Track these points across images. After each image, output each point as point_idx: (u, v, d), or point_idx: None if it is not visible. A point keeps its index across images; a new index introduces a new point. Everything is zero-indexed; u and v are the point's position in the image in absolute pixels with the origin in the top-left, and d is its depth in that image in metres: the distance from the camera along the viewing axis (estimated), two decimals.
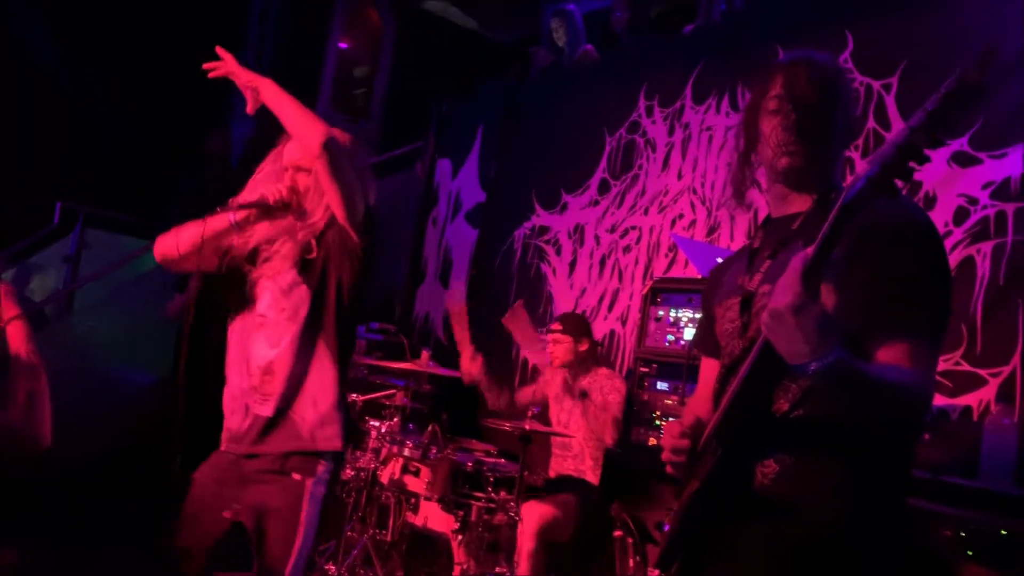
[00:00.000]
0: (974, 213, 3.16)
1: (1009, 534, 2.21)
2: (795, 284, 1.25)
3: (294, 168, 2.31)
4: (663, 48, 5.14)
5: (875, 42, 3.69)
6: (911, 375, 1.37)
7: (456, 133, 6.70)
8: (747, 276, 1.64)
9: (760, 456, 1.48)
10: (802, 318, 1.25)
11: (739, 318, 1.61)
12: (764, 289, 1.55)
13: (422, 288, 6.68)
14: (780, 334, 1.29)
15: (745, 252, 1.74)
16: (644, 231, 4.69)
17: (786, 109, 1.56)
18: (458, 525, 3.59)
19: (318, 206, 2.25)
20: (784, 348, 1.31)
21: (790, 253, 1.50)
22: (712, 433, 1.51)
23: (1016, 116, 3.13)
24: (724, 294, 1.71)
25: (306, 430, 2.19)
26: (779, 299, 1.27)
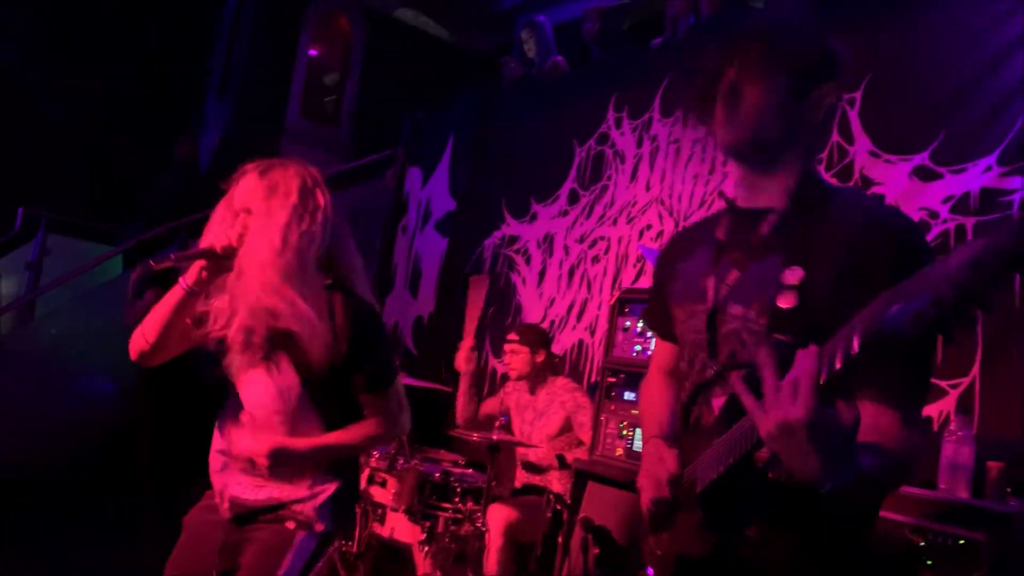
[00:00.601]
0: (935, 226, 3.22)
1: (967, 543, 2.24)
2: (809, 397, 1.08)
3: (245, 211, 1.98)
4: (632, 61, 5.18)
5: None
6: (909, 449, 1.30)
7: (427, 142, 6.70)
8: (712, 278, 1.50)
9: (748, 522, 1.38)
10: (817, 436, 1.09)
11: (705, 331, 1.49)
12: (734, 311, 1.44)
13: (391, 297, 6.65)
14: (789, 450, 1.13)
15: (705, 234, 1.60)
16: (613, 241, 4.71)
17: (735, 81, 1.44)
18: (425, 536, 3.57)
19: None
20: (792, 464, 1.16)
21: (763, 268, 1.42)
22: (696, 493, 1.41)
23: (976, 132, 3.20)
24: (685, 293, 1.57)
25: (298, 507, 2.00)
26: (790, 411, 1.09)
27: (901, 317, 0.98)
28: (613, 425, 3.31)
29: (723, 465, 1.32)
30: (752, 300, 1.41)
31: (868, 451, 1.23)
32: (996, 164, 3.09)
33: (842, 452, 1.14)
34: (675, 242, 1.74)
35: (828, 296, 1.32)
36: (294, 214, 1.94)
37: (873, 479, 1.25)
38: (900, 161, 3.40)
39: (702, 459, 1.42)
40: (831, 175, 3.62)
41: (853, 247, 1.33)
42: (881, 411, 1.30)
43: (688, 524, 1.45)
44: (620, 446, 3.26)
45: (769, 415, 1.12)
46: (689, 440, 1.53)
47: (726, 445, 1.32)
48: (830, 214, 1.40)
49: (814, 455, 1.11)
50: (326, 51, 8.89)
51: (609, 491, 3.17)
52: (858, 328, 1.04)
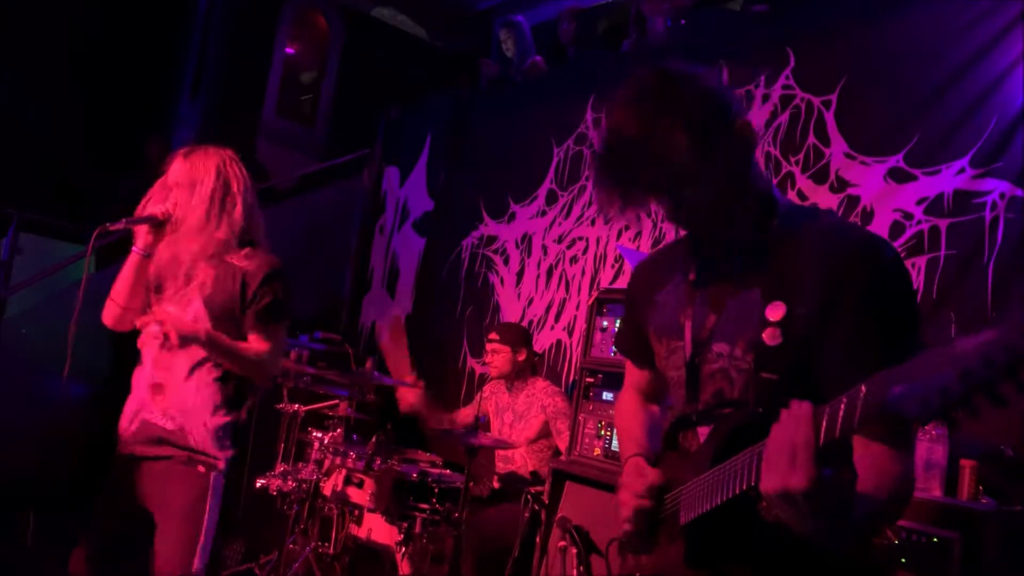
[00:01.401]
0: (909, 228, 3.25)
1: (940, 541, 2.26)
2: (808, 466, 1.08)
3: (177, 185, 2.46)
4: (610, 62, 5.19)
5: (816, 60, 3.78)
6: (906, 479, 1.29)
7: (404, 141, 6.67)
8: (689, 319, 1.48)
9: (731, 559, 1.37)
10: (817, 504, 1.10)
11: (684, 369, 1.47)
12: (719, 349, 1.41)
13: (368, 297, 6.63)
14: (790, 513, 1.14)
15: (674, 264, 1.57)
16: (591, 242, 4.72)
17: (662, 197, 1.35)
18: (402, 537, 3.56)
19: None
20: (794, 524, 1.17)
21: (743, 303, 1.39)
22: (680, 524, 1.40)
23: (949, 134, 3.23)
24: (662, 328, 1.55)
25: (199, 442, 2.40)
26: (790, 479, 1.09)
27: (905, 401, 0.96)
28: (591, 425, 3.31)
29: (711, 503, 1.31)
30: (736, 338, 1.40)
31: (865, 500, 1.23)
32: (969, 166, 3.13)
33: (841, 513, 1.15)
34: (643, 272, 1.71)
35: (810, 330, 1.31)
36: (214, 188, 2.45)
37: (871, 526, 1.27)
38: (875, 163, 3.43)
39: (688, 489, 1.40)
40: (807, 176, 3.65)
41: (830, 277, 1.31)
42: (872, 447, 1.28)
43: (671, 554, 1.44)
44: (598, 446, 3.27)
45: (768, 479, 1.13)
46: (671, 462, 1.52)
47: (715, 482, 1.31)
48: (803, 243, 1.37)
49: (814, 520, 1.13)
50: (302, 49, 8.83)
51: (587, 491, 3.18)
52: (859, 405, 1.03)
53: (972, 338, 0.92)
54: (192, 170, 2.48)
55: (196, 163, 2.50)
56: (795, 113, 3.76)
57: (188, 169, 2.49)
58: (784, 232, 1.40)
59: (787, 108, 3.80)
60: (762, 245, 1.40)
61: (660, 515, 1.48)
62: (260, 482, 3.79)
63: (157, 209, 2.45)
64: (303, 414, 4.07)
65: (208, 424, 2.41)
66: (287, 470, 3.83)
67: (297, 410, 4.05)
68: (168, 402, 2.42)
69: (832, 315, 1.29)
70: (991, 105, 3.13)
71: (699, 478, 1.36)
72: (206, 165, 2.50)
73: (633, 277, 1.74)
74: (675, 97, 1.32)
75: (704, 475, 1.34)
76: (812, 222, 1.43)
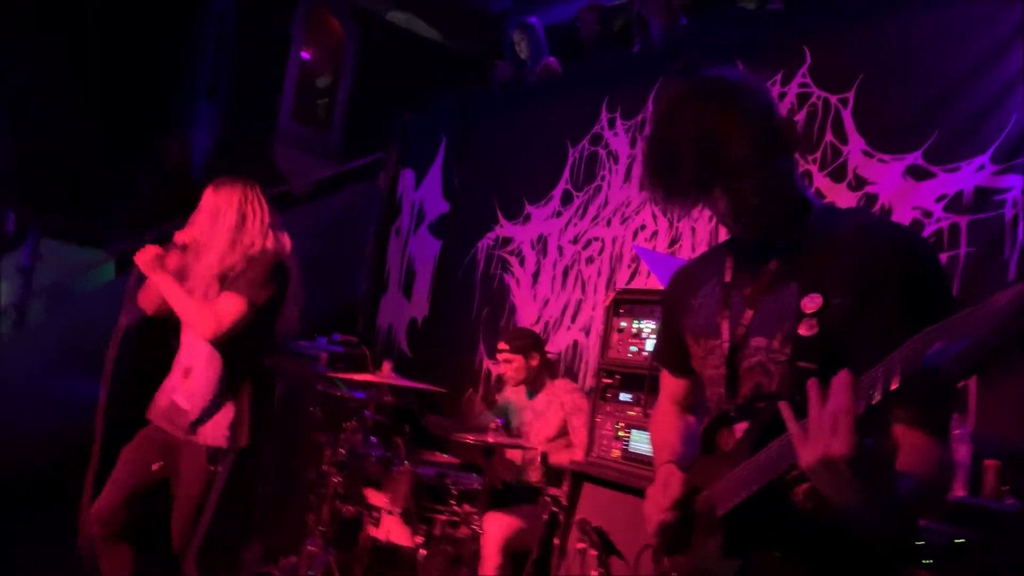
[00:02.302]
0: (929, 225, 3.22)
1: (964, 542, 2.24)
2: (849, 432, 1.08)
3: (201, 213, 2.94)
4: (625, 61, 5.18)
5: (832, 57, 3.75)
6: (945, 465, 1.30)
7: (419, 144, 6.68)
8: (725, 320, 1.50)
9: (768, 547, 1.37)
10: (859, 471, 1.10)
11: (723, 367, 1.49)
12: (757, 343, 1.43)
13: (385, 299, 6.64)
14: (828, 483, 1.14)
15: (710, 269, 1.60)
16: (607, 242, 4.71)
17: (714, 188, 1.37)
18: (421, 539, 3.56)
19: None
20: (835, 498, 1.16)
21: (780, 298, 1.42)
22: (718, 517, 1.40)
23: (969, 131, 3.20)
24: (699, 328, 1.57)
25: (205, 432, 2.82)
26: (832, 446, 1.09)
27: (942, 357, 0.98)
28: (609, 427, 3.30)
29: (749, 490, 1.31)
30: (774, 331, 1.41)
31: (905, 479, 1.23)
32: (990, 162, 3.10)
33: (883, 486, 1.15)
34: (679, 278, 1.73)
35: (847, 320, 1.32)
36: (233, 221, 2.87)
37: (911, 507, 1.26)
38: (893, 160, 3.41)
39: (722, 483, 1.40)
40: (824, 175, 3.63)
41: (865, 269, 1.33)
42: (912, 433, 1.29)
43: (708, 547, 1.44)
44: (616, 448, 3.25)
45: (810, 447, 1.12)
46: (706, 465, 1.52)
47: (752, 470, 1.32)
48: (837, 238, 1.40)
49: (855, 490, 1.12)
50: (318, 54, 8.86)
51: (605, 493, 3.16)
52: (898, 365, 1.04)
53: (1006, 292, 0.94)
54: (216, 201, 2.90)
55: (221, 195, 2.91)
56: (812, 111, 3.74)
57: (213, 200, 2.91)
58: (819, 230, 1.43)
59: (804, 106, 3.77)
60: (798, 243, 1.43)
61: (692, 516, 1.49)
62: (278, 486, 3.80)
63: (181, 237, 2.88)
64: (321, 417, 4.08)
65: (215, 416, 2.81)
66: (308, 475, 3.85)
67: (315, 413, 4.06)
68: (192, 386, 2.85)
69: (869, 305, 1.31)
70: (1012, 100, 3.10)
71: (736, 469, 1.37)
72: (229, 198, 2.90)
73: (668, 286, 1.77)
74: (734, 93, 1.38)
75: (741, 466, 1.36)
76: (846, 219, 1.48)
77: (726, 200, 1.39)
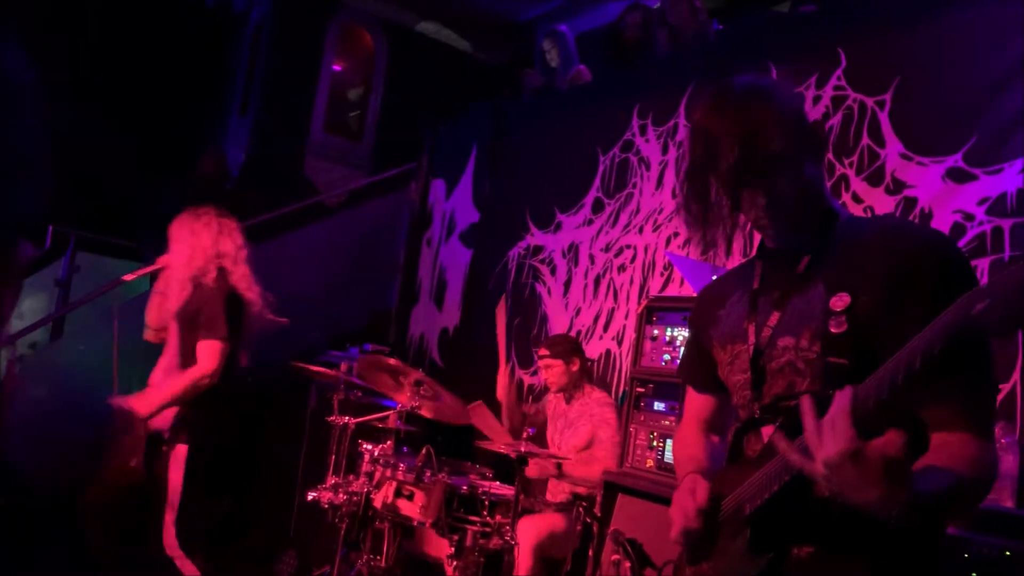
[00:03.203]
0: (971, 229, 3.14)
1: (1013, 555, 2.16)
2: (846, 429, 1.09)
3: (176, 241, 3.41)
4: (655, 67, 5.14)
5: (868, 59, 3.69)
6: (987, 461, 1.29)
7: (450, 154, 6.70)
8: (752, 323, 1.51)
9: (795, 540, 1.36)
10: (864, 466, 1.09)
11: (749, 370, 1.49)
12: (785, 343, 1.43)
13: (416, 309, 6.65)
14: (840, 485, 1.14)
15: (738, 282, 1.61)
16: (639, 250, 4.67)
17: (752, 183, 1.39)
18: (453, 550, 3.53)
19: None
20: (852, 497, 1.15)
21: (807, 298, 1.42)
22: (745, 515, 1.39)
23: (1010, 131, 3.12)
24: (726, 336, 1.57)
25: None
26: (830, 448, 1.11)
27: (988, 314, 0.98)
28: (643, 436, 3.25)
29: (777, 484, 1.31)
30: (802, 330, 1.41)
31: (931, 474, 1.21)
32: None
33: (896, 478, 1.11)
34: (707, 293, 1.75)
35: (876, 318, 1.32)
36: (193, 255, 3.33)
37: (938, 503, 1.22)
38: (932, 163, 3.33)
39: (748, 484, 1.40)
40: (862, 179, 3.56)
41: (897, 269, 1.33)
42: (950, 434, 1.28)
43: (733, 550, 1.43)
44: (650, 457, 3.21)
45: (816, 458, 1.14)
46: (734, 472, 1.50)
47: (778, 467, 1.31)
48: (865, 241, 1.42)
49: (867, 486, 1.12)
50: (349, 66, 8.94)
51: (639, 503, 3.12)
52: (941, 330, 1.03)
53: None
54: (189, 232, 3.34)
55: (196, 227, 3.36)
56: (848, 114, 3.67)
57: (188, 230, 3.36)
58: (847, 237, 1.45)
59: (839, 109, 3.71)
60: (826, 248, 1.45)
61: (718, 522, 1.48)
62: (311, 495, 3.80)
63: (161, 261, 3.42)
64: (353, 426, 4.08)
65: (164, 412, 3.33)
66: (338, 483, 3.84)
67: (347, 422, 4.05)
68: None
69: (900, 303, 1.30)
70: None
71: (762, 468, 1.37)
72: (195, 230, 3.35)
73: (696, 302, 1.78)
74: (770, 93, 1.43)
75: (767, 464, 1.35)
76: (873, 224, 1.52)
77: (762, 194, 1.40)
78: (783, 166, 1.38)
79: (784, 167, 1.38)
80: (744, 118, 1.37)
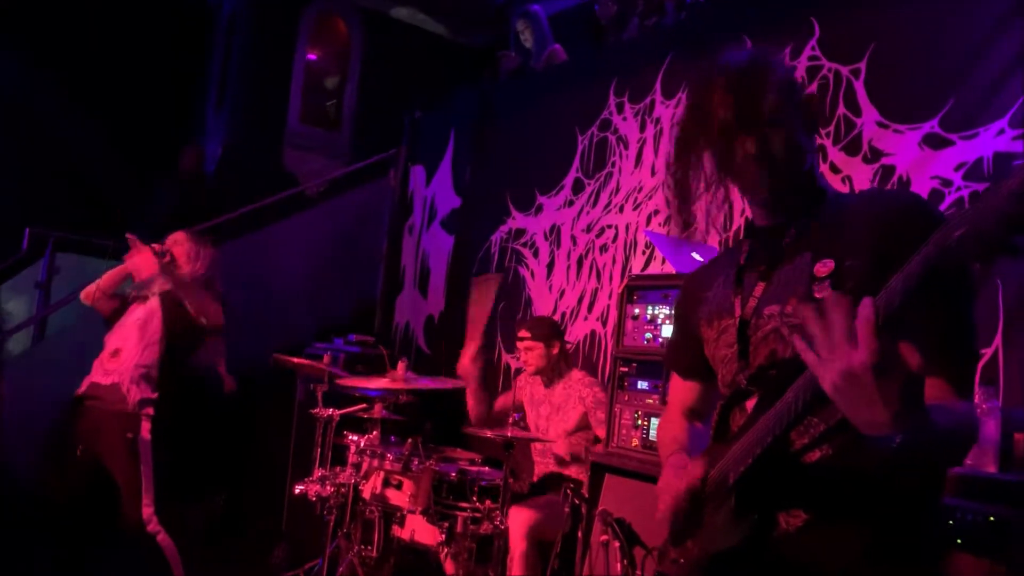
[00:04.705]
0: (949, 195, 3.13)
1: (997, 520, 2.16)
2: (870, 339, 1.04)
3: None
4: (631, 44, 5.10)
5: (842, 28, 3.66)
6: (970, 413, 1.30)
7: (428, 139, 6.65)
8: (738, 297, 1.51)
9: (782, 505, 1.36)
10: (884, 380, 1.05)
11: (736, 343, 1.49)
12: (770, 311, 1.43)
13: (401, 297, 6.62)
14: (855, 399, 1.08)
15: (725, 264, 1.62)
16: (620, 229, 4.65)
17: (746, 138, 1.39)
18: (444, 537, 3.53)
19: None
20: (858, 415, 1.11)
21: (793, 267, 1.42)
22: (729, 484, 1.38)
23: (986, 96, 3.10)
24: (712, 313, 1.57)
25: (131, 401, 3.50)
26: (853, 356, 1.05)
27: (967, 241, 0.97)
28: (628, 415, 3.24)
29: (760, 448, 1.30)
30: (787, 296, 1.41)
31: (936, 408, 1.18)
32: (1008, 127, 3.00)
33: (911, 396, 1.08)
34: (692, 278, 1.75)
35: (861, 282, 1.30)
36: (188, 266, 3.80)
37: (944, 438, 1.19)
38: (909, 130, 3.31)
39: (731, 454, 1.40)
40: (839, 148, 3.54)
41: (881, 232, 1.33)
42: (932, 382, 1.27)
43: (719, 520, 1.42)
44: (636, 436, 3.20)
45: (832, 365, 1.08)
46: (719, 449, 1.48)
47: (759, 432, 1.31)
48: (849, 210, 1.43)
49: (882, 401, 1.06)
50: (324, 55, 8.84)
51: (627, 483, 3.11)
52: (920, 260, 1.04)
53: (1016, 171, 0.95)
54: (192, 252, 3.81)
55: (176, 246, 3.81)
56: (823, 84, 3.65)
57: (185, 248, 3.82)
58: (834, 209, 1.46)
59: (814, 79, 3.68)
60: (813, 221, 1.46)
61: (703, 498, 1.47)
62: (299, 488, 3.78)
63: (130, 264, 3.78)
64: (338, 418, 4.06)
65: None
66: (325, 475, 3.83)
67: (332, 414, 4.03)
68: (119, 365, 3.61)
69: (884, 267, 1.24)
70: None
71: (743, 437, 1.36)
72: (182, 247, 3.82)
73: (682, 288, 1.78)
74: (764, 58, 1.46)
75: (748, 432, 1.35)
76: (858, 196, 1.54)
77: (754, 147, 1.40)
78: (775, 124, 1.40)
79: (776, 125, 1.40)
80: (738, 79, 1.40)
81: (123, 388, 3.50)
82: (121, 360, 3.56)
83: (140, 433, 3.47)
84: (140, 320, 3.65)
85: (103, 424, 3.48)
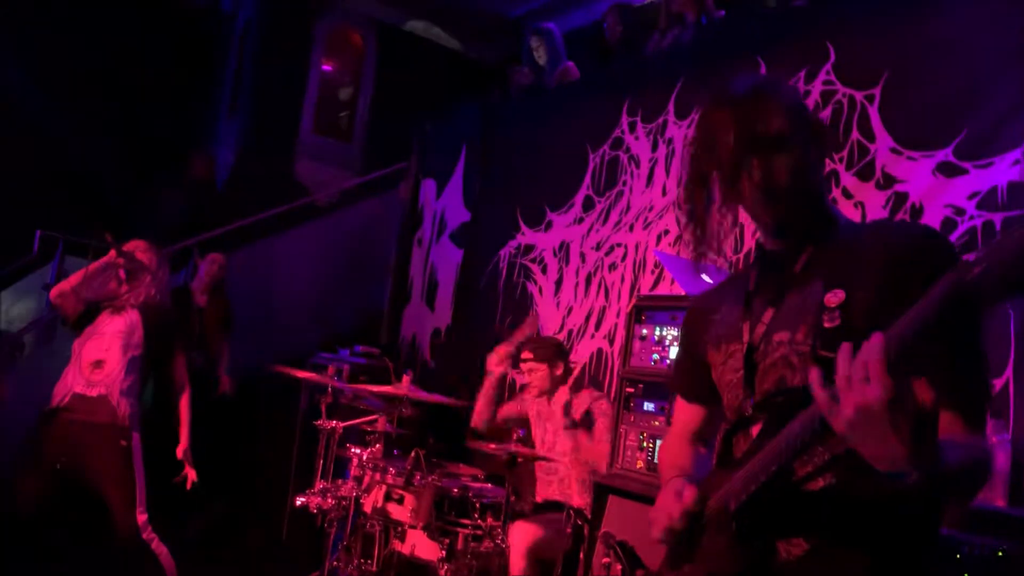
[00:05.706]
0: (961, 224, 3.12)
1: (1006, 554, 2.13)
2: (882, 375, 1.05)
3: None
4: (644, 64, 5.11)
5: (857, 53, 3.66)
6: (984, 449, 1.28)
7: (440, 153, 6.65)
8: (747, 322, 1.50)
9: (783, 534, 1.35)
10: (898, 415, 1.05)
11: (742, 368, 1.47)
12: (780, 337, 1.42)
13: (408, 310, 6.61)
14: (870, 436, 1.08)
15: (734, 287, 1.60)
16: (630, 248, 4.63)
17: (750, 163, 1.39)
18: (444, 553, 3.50)
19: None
20: (873, 452, 1.10)
21: (804, 295, 1.41)
22: (731, 512, 1.37)
23: (1000, 125, 3.09)
24: (720, 337, 1.56)
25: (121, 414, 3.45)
26: (867, 392, 1.05)
27: (986, 278, 0.98)
28: (633, 437, 3.22)
29: (764, 475, 1.29)
30: (797, 324, 1.41)
31: (948, 444, 1.17)
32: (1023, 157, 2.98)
33: (924, 432, 1.08)
34: (699, 302, 1.74)
35: (870, 314, 1.29)
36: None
37: (954, 472, 1.18)
38: (923, 157, 3.30)
39: (734, 481, 1.38)
40: (852, 174, 3.53)
41: (894, 265, 1.32)
42: (945, 416, 1.26)
43: (718, 546, 1.41)
44: (640, 458, 3.17)
45: (845, 402, 1.09)
46: (722, 475, 1.47)
47: (763, 460, 1.30)
48: (861, 241, 1.41)
49: (896, 437, 1.07)
50: (338, 66, 8.88)
51: (630, 505, 3.08)
52: (938, 295, 1.03)
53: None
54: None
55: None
56: (837, 109, 3.64)
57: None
58: (845, 237, 1.44)
59: (828, 104, 3.68)
60: (824, 248, 1.44)
61: (702, 523, 1.46)
62: (300, 500, 3.76)
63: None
64: (341, 430, 4.04)
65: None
66: (326, 487, 3.80)
67: (335, 426, 4.01)
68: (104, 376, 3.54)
69: (894, 299, 1.27)
70: None
71: (747, 465, 1.35)
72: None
73: (688, 311, 1.77)
74: (771, 84, 1.46)
75: (751, 460, 1.33)
76: (870, 226, 1.57)
77: (759, 172, 1.39)
78: (782, 147, 1.39)
79: (783, 148, 1.39)
80: (745, 104, 1.40)
81: (112, 400, 3.44)
82: (106, 371, 3.48)
83: (132, 441, 3.45)
84: (122, 331, 3.56)
85: (89, 437, 3.41)
